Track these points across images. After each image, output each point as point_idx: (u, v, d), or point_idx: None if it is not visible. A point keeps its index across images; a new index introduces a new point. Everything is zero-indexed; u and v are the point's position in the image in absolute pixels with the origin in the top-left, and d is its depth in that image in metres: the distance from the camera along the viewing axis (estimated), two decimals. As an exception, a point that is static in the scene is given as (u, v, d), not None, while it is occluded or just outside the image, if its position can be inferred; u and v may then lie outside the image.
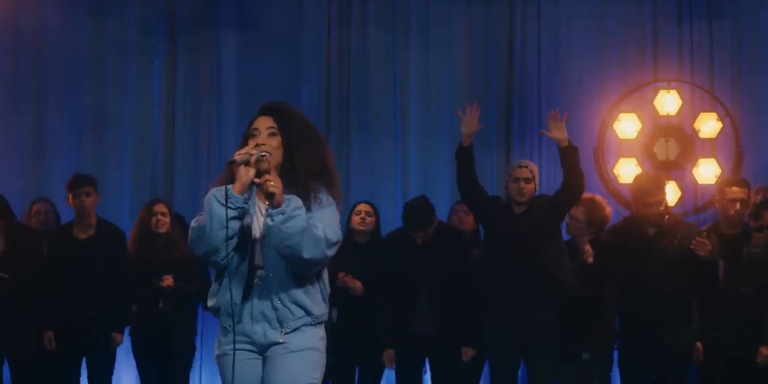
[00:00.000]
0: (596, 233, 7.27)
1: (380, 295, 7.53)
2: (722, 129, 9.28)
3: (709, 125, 9.31)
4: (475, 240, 8.03)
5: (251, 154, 4.04)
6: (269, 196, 4.01)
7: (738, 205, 7.19)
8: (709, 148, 9.34)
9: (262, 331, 4.15)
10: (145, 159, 9.78)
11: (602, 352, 7.23)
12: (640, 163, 9.33)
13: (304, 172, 4.15)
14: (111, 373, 7.77)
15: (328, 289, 4.28)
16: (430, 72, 9.72)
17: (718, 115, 9.30)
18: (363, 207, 7.71)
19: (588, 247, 7.11)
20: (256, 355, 4.20)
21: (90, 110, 9.74)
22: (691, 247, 6.64)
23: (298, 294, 4.13)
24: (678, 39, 9.52)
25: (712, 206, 8.69)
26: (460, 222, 8.20)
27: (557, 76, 9.61)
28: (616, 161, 9.39)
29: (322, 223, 4.05)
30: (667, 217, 6.96)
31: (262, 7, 9.80)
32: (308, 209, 4.07)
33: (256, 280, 4.13)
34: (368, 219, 7.64)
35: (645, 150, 9.35)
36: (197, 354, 8.25)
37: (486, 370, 7.75)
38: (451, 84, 9.67)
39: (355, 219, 7.64)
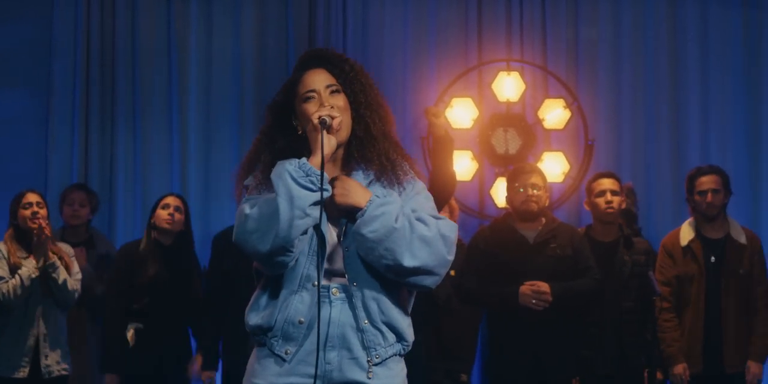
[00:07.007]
0: None
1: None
2: (570, 118, 8.19)
3: (555, 114, 8.17)
4: None
5: (333, 117, 3.18)
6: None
7: (609, 196, 6.55)
8: (556, 140, 8.28)
9: (338, 362, 3.19)
10: None
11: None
12: (477, 157, 8.18)
13: (384, 137, 3.31)
14: None
15: None
16: (213, 46, 8.48)
17: (566, 101, 8.19)
18: (172, 200, 6.83)
19: None
20: None
21: None
22: (533, 302, 6.01)
23: (392, 312, 3.23)
24: (506, 15, 8.50)
25: (559, 206, 8.18)
26: None
27: (367, 53, 8.44)
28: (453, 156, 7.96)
29: (431, 216, 3.23)
30: (544, 220, 6.29)
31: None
32: (398, 190, 3.26)
33: (333, 289, 3.21)
34: (177, 216, 6.75)
35: (481, 141, 8.17)
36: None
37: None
38: (240, 60, 8.47)
39: (162, 214, 6.73)
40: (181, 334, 6.71)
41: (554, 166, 8.05)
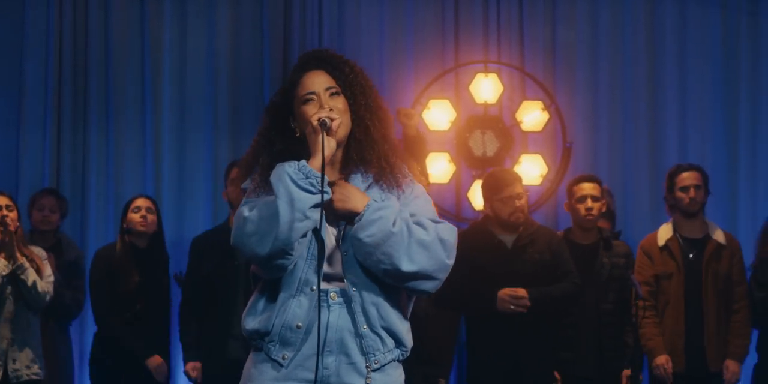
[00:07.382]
0: None
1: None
2: (549, 120, 8.09)
3: (533, 116, 8.08)
4: None
5: (332, 119, 3.14)
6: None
7: (590, 202, 6.47)
8: (534, 142, 8.19)
9: (336, 368, 3.14)
10: None
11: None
12: (454, 159, 8.06)
13: (383, 140, 3.26)
14: None
15: None
16: (188, 46, 8.36)
17: (544, 104, 8.08)
18: (142, 202, 6.78)
19: None
20: None
21: None
22: (512, 307, 5.94)
23: (391, 316, 3.19)
24: (483, 16, 8.41)
25: (536, 209, 7.95)
26: None
27: (342, 54, 7.94)
28: (426, 156, 7.85)
29: (429, 220, 3.17)
30: (521, 228, 6.16)
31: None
32: (397, 193, 3.22)
33: (332, 293, 3.16)
34: (150, 217, 6.73)
35: (459, 144, 8.05)
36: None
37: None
38: (214, 60, 8.37)
39: (134, 217, 6.69)
40: (158, 335, 6.68)
41: (532, 169, 7.96)
